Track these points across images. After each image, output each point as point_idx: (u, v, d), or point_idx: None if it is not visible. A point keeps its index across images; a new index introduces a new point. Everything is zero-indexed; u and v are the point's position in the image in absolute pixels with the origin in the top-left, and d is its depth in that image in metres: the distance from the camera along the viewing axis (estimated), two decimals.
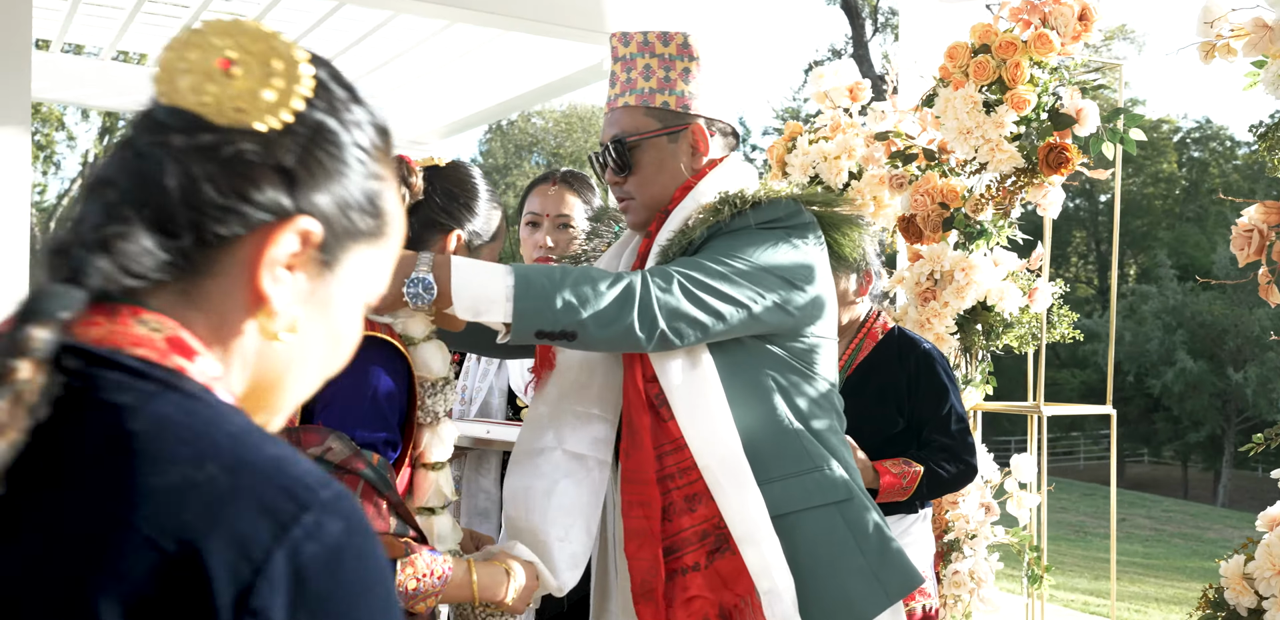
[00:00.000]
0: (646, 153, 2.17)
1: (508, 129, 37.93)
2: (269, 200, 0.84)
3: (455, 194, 2.05)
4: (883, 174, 4.10)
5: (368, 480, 1.80)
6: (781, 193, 2.13)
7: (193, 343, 0.84)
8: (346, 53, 7.37)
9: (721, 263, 1.99)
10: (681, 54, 2.17)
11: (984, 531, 3.81)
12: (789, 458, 2.07)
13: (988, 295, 3.84)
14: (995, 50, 3.65)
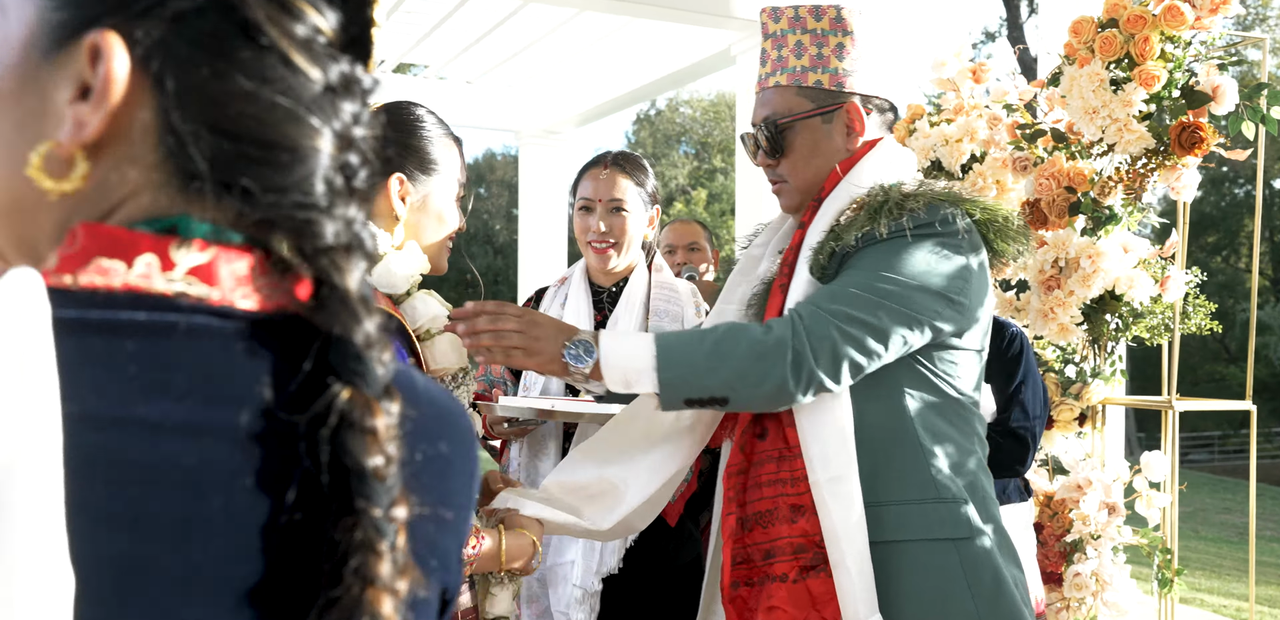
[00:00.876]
0: (800, 134, 2.08)
1: (655, 118, 37.97)
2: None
3: (384, 136, 1.96)
4: (1005, 157, 3.93)
5: None
6: (940, 195, 1.98)
7: None
8: (477, 44, 7.44)
9: (875, 289, 1.86)
10: (835, 28, 2.06)
11: (1109, 532, 3.63)
12: (912, 484, 1.94)
13: (1116, 284, 3.65)
14: (1123, 25, 3.45)
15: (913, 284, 1.88)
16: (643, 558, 2.73)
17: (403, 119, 1.99)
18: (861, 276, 1.89)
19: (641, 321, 2.87)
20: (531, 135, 8.97)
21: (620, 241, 2.87)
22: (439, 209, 2.00)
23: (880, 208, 1.95)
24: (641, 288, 2.93)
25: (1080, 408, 3.80)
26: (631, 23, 6.94)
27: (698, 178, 35.44)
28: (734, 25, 6.03)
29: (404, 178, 1.94)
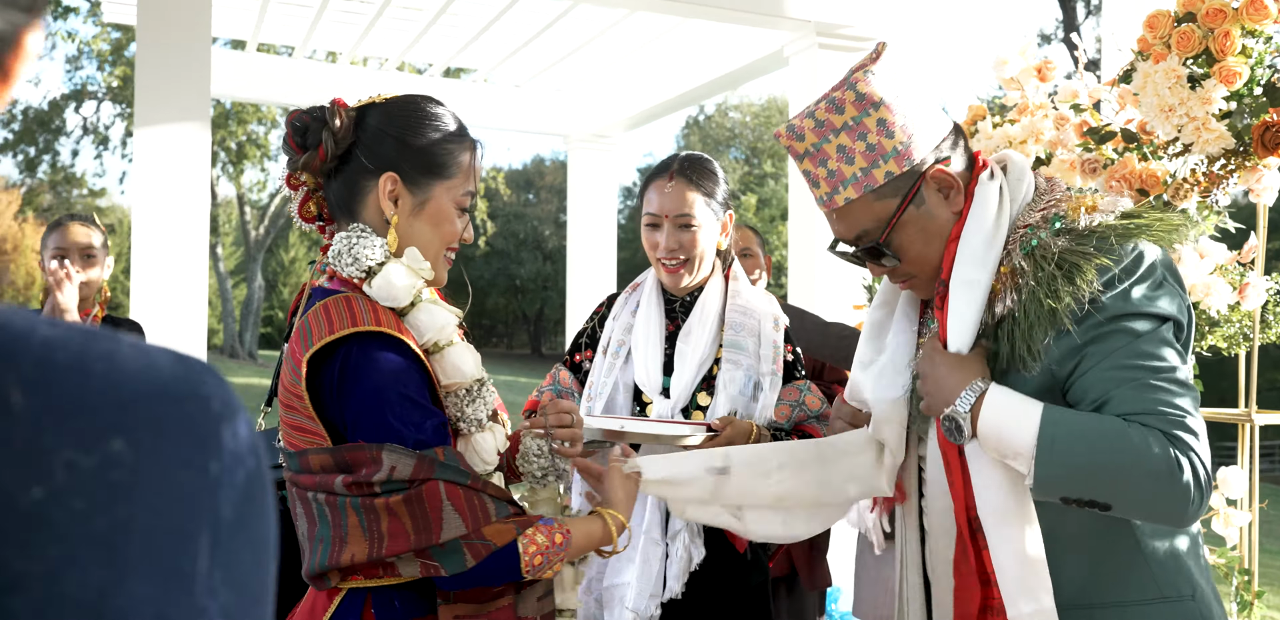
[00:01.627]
0: (903, 232, 1.87)
1: (705, 123, 37.89)
2: None
3: (386, 131, 1.83)
4: (1074, 158, 3.76)
5: (449, 481, 1.67)
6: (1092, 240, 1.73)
7: None
8: (525, 48, 7.36)
9: (1153, 360, 1.65)
10: (863, 110, 1.82)
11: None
12: (1133, 583, 1.76)
13: (1192, 291, 3.47)
14: (1202, 18, 3.28)
15: (1168, 337, 1.69)
16: (707, 583, 2.62)
17: (410, 114, 1.86)
18: (1126, 362, 1.66)
19: (715, 334, 2.74)
20: (580, 140, 8.87)
21: (690, 258, 2.72)
22: (438, 215, 1.87)
23: (1053, 293, 1.71)
24: (717, 299, 2.79)
25: None
26: (682, 24, 6.83)
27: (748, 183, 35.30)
28: (787, 25, 5.90)
29: (396, 177, 1.81)
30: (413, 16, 6.97)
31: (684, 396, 2.67)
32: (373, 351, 1.71)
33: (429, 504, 1.65)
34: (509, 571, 1.70)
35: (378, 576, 1.73)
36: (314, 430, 1.73)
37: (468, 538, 1.66)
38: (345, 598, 1.75)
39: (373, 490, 1.67)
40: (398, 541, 1.65)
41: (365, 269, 1.77)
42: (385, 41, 7.55)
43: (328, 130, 1.80)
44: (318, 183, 1.88)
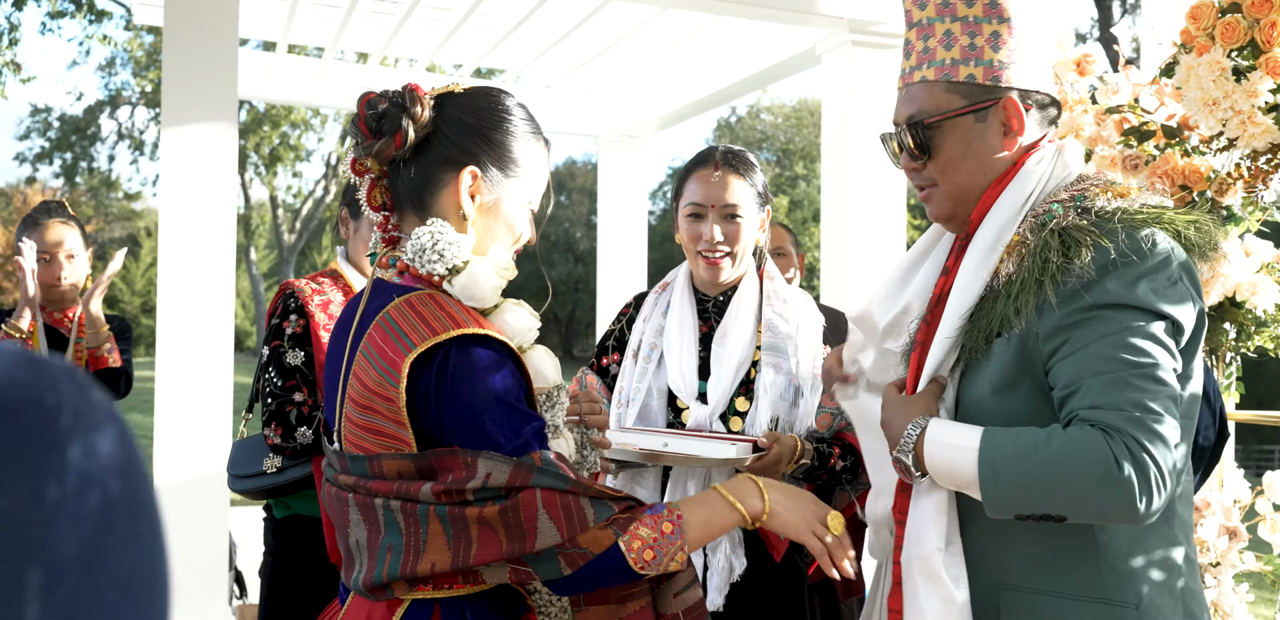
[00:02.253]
0: (949, 135, 1.85)
1: (736, 125, 37.79)
2: None
3: (467, 123, 1.75)
4: (1115, 155, 3.67)
5: (546, 488, 1.59)
6: (1112, 223, 1.71)
7: None
8: (555, 47, 7.31)
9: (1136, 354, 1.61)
10: (989, 15, 1.83)
11: (1230, 559, 3.35)
12: (1077, 576, 1.72)
13: (1237, 290, 3.38)
14: (1247, 9, 3.18)
15: (1159, 333, 1.65)
16: (747, 593, 2.55)
17: (489, 107, 1.79)
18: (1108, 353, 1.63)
19: (753, 334, 2.63)
20: (611, 140, 8.82)
21: (735, 250, 2.63)
22: (511, 216, 1.81)
23: (1041, 275, 1.70)
24: (753, 298, 2.69)
25: None
26: (713, 22, 6.76)
27: (780, 185, 35.17)
28: (820, 22, 5.82)
29: (478, 172, 1.74)
30: (442, 16, 6.94)
31: (722, 402, 2.58)
32: (475, 354, 1.63)
33: (524, 513, 1.57)
34: (619, 573, 1.61)
35: (447, 587, 1.66)
36: (397, 435, 1.65)
37: (562, 547, 1.58)
38: (409, 609, 1.67)
39: (464, 498, 1.59)
40: (487, 550, 1.58)
41: (450, 266, 1.70)
42: (415, 42, 7.52)
43: (408, 116, 1.72)
44: (383, 170, 1.79)
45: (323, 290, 3.06)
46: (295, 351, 2.96)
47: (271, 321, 3.04)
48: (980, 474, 1.65)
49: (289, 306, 3.02)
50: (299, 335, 2.97)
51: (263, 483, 3.02)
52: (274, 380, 2.95)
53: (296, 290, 3.05)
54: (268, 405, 2.95)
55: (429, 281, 1.73)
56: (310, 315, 2.98)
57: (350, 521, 1.70)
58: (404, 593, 1.66)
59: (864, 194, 5.71)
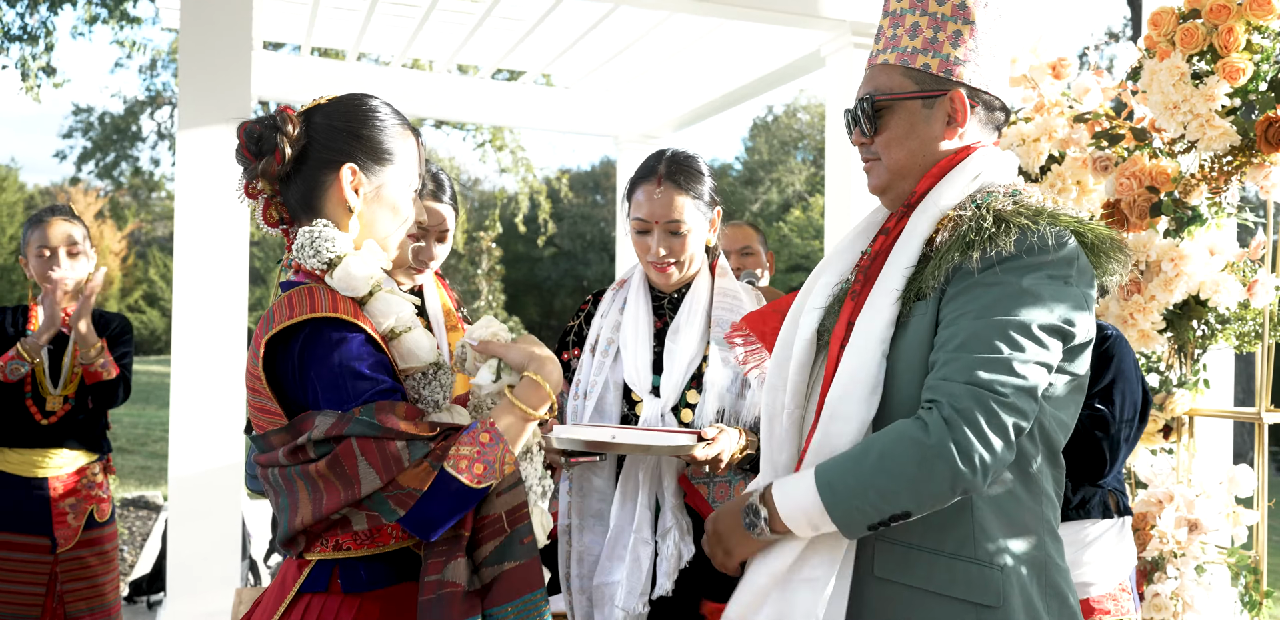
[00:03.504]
0: (896, 114, 2.01)
1: (772, 125, 37.76)
2: None
3: (336, 127, 1.93)
4: (1085, 157, 3.75)
5: (358, 436, 1.72)
6: (1039, 213, 1.88)
7: None
8: (572, 49, 7.44)
9: (1007, 341, 1.76)
10: (956, 15, 1.99)
11: (1192, 550, 3.44)
12: (951, 536, 1.85)
13: (1201, 288, 3.46)
14: (1206, 15, 3.27)
15: (1037, 325, 1.78)
16: (696, 579, 2.65)
17: (354, 109, 1.96)
18: (983, 328, 1.78)
19: (703, 330, 2.75)
20: (629, 140, 8.94)
21: (681, 260, 2.75)
22: (393, 200, 1.98)
23: (974, 234, 1.85)
24: (704, 294, 2.81)
25: (1164, 419, 3.62)
26: (723, 26, 6.87)
27: (815, 184, 35.12)
28: (823, 25, 5.92)
29: (356, 168, 1.92)
30: (461, 20, 7.08)
31: (674, 395, 2.69)
32: (327, 333, 1.80)
33: (345, 462, 1.72)
34: (462, 496, 1.74)
35: (344, 546, 1.84)
36: (275, 411, 1.83)
37: (386, 489, 1.71)
38: (314, 568, 1.86)
39: (308, 455, 1.75)
40: (332, 499, 1.73)
41: (326, 261, 1.87)
42: (434, 45, 7.67)
43: (281, 134, 1.89)
44: (274, 189, 1.97)
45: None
46: None
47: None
48: (821, 497, 1.78)
49: None
50: None
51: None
52: None
53: None
54: None
55: (315, 276, 1.91)
56: None
57: (268, 494, 1.90)
58: (308, 550, 1.84)
59: (868, 194, 5.78)
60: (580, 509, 2.71)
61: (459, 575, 1.78)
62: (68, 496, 3.87)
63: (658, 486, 2.66)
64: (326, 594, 1.85)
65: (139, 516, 9.08)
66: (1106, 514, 3.02)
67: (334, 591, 1.85)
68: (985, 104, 2.03)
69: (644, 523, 2.64)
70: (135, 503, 9.48)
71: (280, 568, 1.97)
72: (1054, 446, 1.92)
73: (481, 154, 21.10)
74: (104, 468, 4.03)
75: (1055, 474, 1.95)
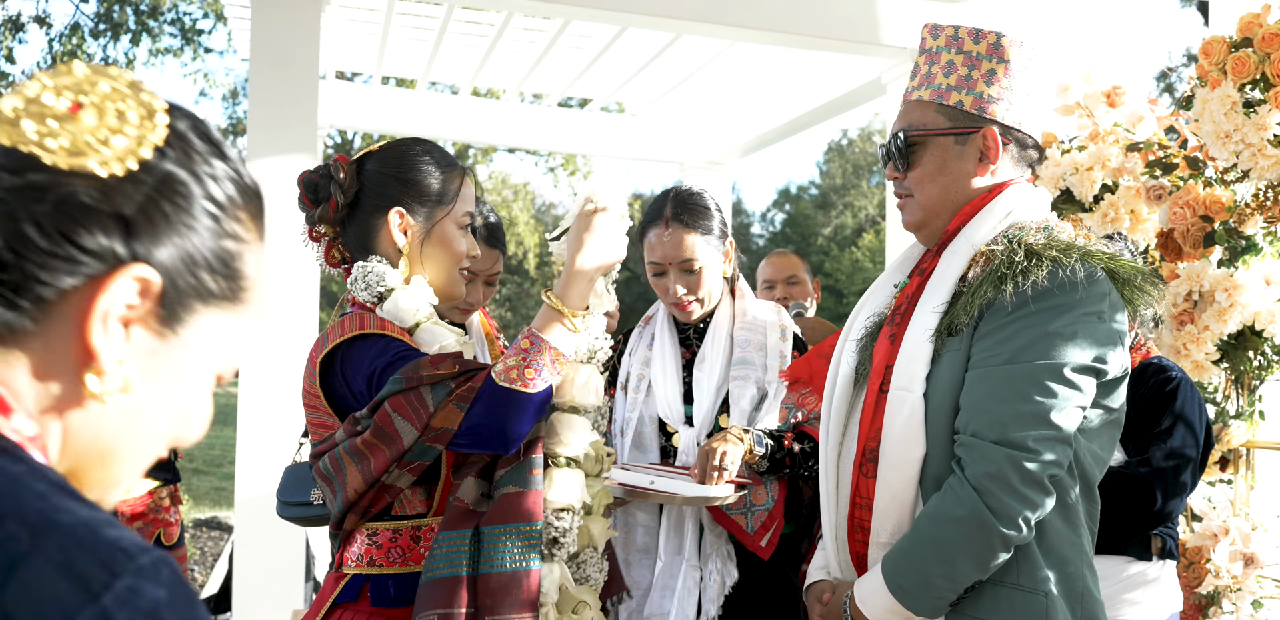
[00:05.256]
0: (929, 151, 2.04)
1: (847, 149, 37.63)
2: (100, 246, 0.79)
3: (385, 173, 2.06)
4: (1139, 186, 3.73)
5: (389, 396, 1.84)
6: (1073, 252, 1.90)
7: (8, 399, 0.79)
8: (637, 77, 7.52)
9: (1039, 388, 1.80)
10: (990, 54, 2.02)
11: (1248, 585, 3.38)
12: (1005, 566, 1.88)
13: (1256, 318, 3.42)
14: (1258, 43, 3.25)
15: (1070, 371, 1.81)
16: (742, 603, 2.68)
17: (403, 155, 2.09)
18: (1015, 374, 1.81)
19: (727, 355, 2.79)
20: (695, 167, 8.99)
21: (700, 296, 2.81)
22: (444, 238, 2.09)
23: (1005, 268, 1.88)
24: (726, 321, 2.86)
25: (1221, 451, 3.57)
26: (786, 53, 6.90)
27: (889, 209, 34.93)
28: (884, 53, 5.94)
29: (403, 211, 2.04)
30: (528, 50, 7.19)
31: (707, 423, 2.73)
32: (369, 341, 1.94)
33: (383, 423, 1.84)
34: (506, 404, 1.82)
35: (376, 563, 1.95)
36: (333, 425, 1.96)
37: (424, 435, 1.83)
38: (349, 581, 1.99)
39: (356, 429, 1.87)
40: (379, 460, 1.85)
41: (376, 294, 2.01)
42: (502, 74, 7.79)
43: (334, 183, 2.06)
44: (336, 232, 2.12)
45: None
46: None
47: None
48: (900, 601, 1.85)
49: None
50: None
51: (309, 513, 2.95)
52: None
53: None
54: None
55: (365, 308, 2.04)
56: None
57: (320, 487, 2.02)
58: (353, 524, 1.97)
59: None
60: (626, 545, 2.76)
61: (467, 492, 1.92)
62: (135, 520, 3.98)
63: (700, 513, 2.70)
64: (356, 606, 1.96)
65: (211, 537, 9.25)
66: (1144, 556, 2.96)
67: (363, 604, 1.96)
68: (1018, 142, 2.05)
69: (692, 550, 2.68)
70: (208, 523, 9.65)
71: (324, 581, 2.09)
72: (1090, 479, 1.94)
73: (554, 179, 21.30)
74: (171, 494, 4.13)
75: (1090, 507, 1.97)
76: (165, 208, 0.83)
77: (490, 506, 1.90)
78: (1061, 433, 1.79)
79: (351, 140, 28.22)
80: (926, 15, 5.84)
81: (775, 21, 5.66)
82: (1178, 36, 46.71)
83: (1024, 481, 1.76)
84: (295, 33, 5.09)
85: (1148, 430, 2.87)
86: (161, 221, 0.83)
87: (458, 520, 1.89)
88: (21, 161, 0.79)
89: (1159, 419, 2.87)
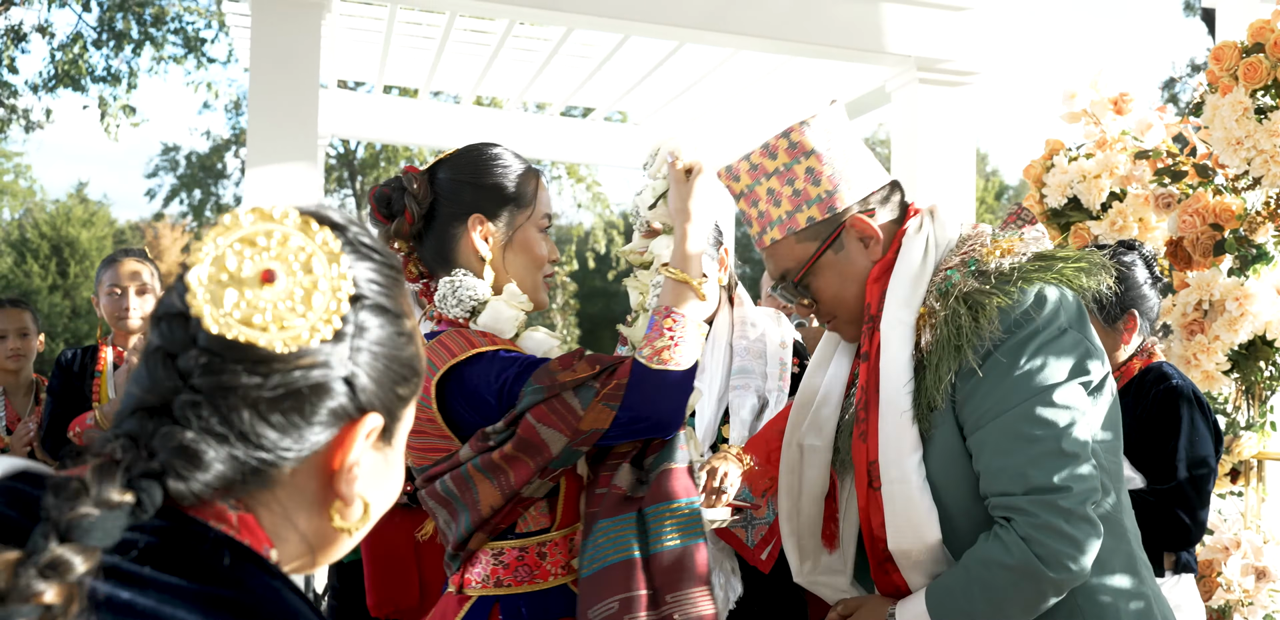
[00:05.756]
0: (821, 276, 1.96)
1: None
2: (335, 411, 0.86)
3: (460, 180, 2.00)
4: (1147, 193, 3.68)
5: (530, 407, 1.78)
6: (1009, 280, 1.81)
7: (258, 529, 0.87)
8: (640, 86, 7.49)
9: (1034, 423, 1.74)
10: (795, 156, 1.92)
11: (1260, 599, 3.33)
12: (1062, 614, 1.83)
13: (1267, 328, 3.37)
14: (1270, 48, 3.20)
15: (1055, 389, 1.75)
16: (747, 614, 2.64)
17: (475, 159, 2.02)
18: (1010, 422, 1.75)
19: (726, 365, 2.76)
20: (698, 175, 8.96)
21: None
22: (527, 242, 2.03)
23: (956, 336, 1.79)
24: (724, 330, 2.84)
25: (1232, 462, 3.51)
26: (789, 62, 6.88)
27: None
28: (888, 61, 5.90)
29: (483, 217, 1.97)
30: (528, 59, 7.17)
31: (710, 434, 2.71)
32: (489, 356, 1.86)
33: (527, 435, 1.77)
34: (660, 387, 1.77)
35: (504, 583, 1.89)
36: (445, 447, 1.89)
37: (572, 441, 1.77)
38: (475, 604, 1.91)
39: (487, 445, 1.81)
40: (521, 473, 1.80)
41: (469, 309, 1.95)
42: (505, 81, 7.77)
43: (409, 195, 1.98)
44: (410, 246, 2.04)
45: None
46: None
47: None
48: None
49: None
50: None
51: None
52: None
53: None
54: None
55: (455, 324, 1.97)
56: None
57: (432, 510, 1.95)
58: (479, 544, 1.90)
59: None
60: None
61: (623, 480, 1.87)
62: None
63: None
64: None
65: None
66: (1158, 573, 2.90)
67: None
68: (880, 201, 1.96)
69: None
70: None
71: (439, 602, 2.01)
72: (1113, 474, 1.87)
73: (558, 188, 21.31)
74: None
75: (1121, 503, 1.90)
76: (372, 353, 0.89)
77: (652, 486, 1.86)
78: (1079, 456, 1.73)
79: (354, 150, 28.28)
80: (931, 23, 5.80)
81: (778, 29, 5.62)
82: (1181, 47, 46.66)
83: (1069, 521, 1.70)
84: (296, 41, 5.06)
85: (1156, 445, 2.80)
86: (372, 368, 0.89)
87: (616, 506, 1.85)
88: (247, 355, 0.83)
89: (1166, 433, 2.80)
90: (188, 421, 0.81)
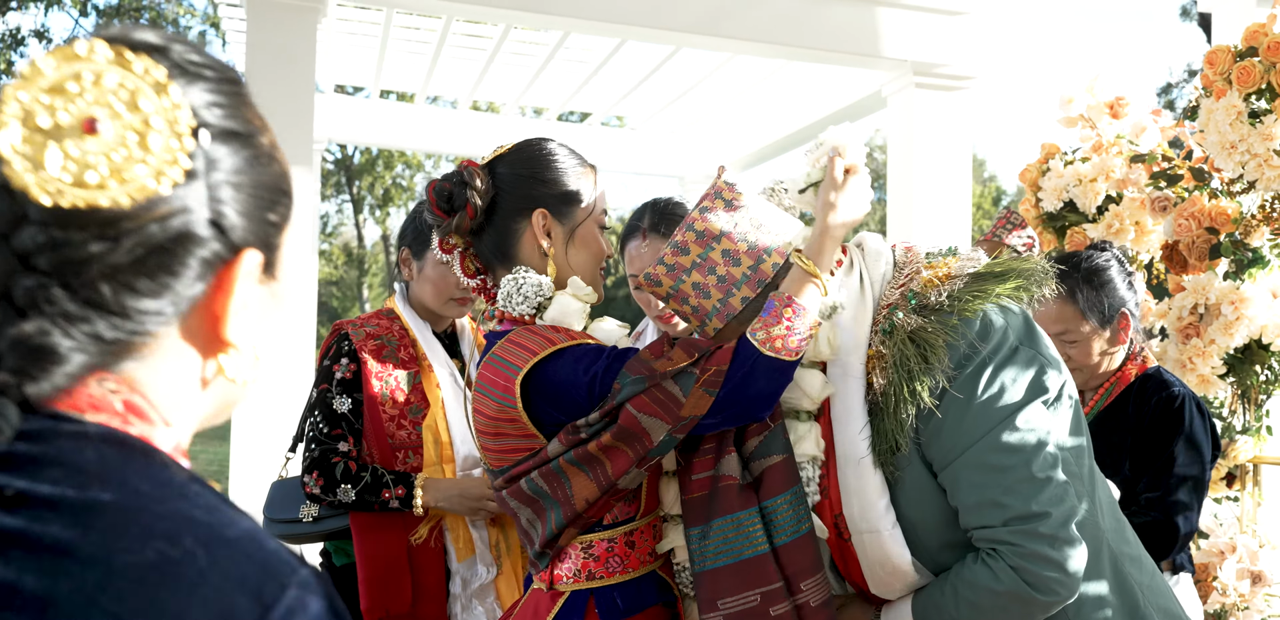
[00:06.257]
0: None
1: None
2: (208, 259, 0.77)
3: (521, 174, 1.99)
4: (1143, 197, 3.68)
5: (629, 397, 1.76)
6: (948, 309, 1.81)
7: (148, 412, 0.78)
8: (636, 91, 7.50)
9: (1001, 451, 1.73)
10: (706, 245, 1.86)
11: (1256, 603, 3.32)
12: None
13: (1263, 332, 3.36)
14: (1264, 52, 3.20)
15: (1015, 413, 1.75)
16: None
17: (535, 154, 2.01)
18: (976, 456, 1.74)
19: None
20: (695, 180, 8.96)
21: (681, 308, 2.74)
22: (587, 237, 2.02)
23: (907, 380, 1.78)
24: None
25: (1227, 467, 3.51)
26: (786, 66, 6.88)
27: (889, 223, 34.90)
28: (885, 65, 5.91)
29: (546, 212, 1.97)
30: (526, 63, 7.17)
31: None
32: (572, 352, 1.85)
33: (628, 425, 1.76)
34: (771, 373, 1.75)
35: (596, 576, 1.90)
36: (526, 447, 1.88)
37: (674, 428, 1.76)
38: (569, 599, 1.91)
39: (579, 438, 1.79)
40: (619, 464, 1.79)
41: (535, 305, 1.94)
42: (502, 86, 7.77)
43: (471, 189, 1.96)
44: (467, 242, 2.03)
45: (377, 333, 2.93)
46: (343, 397, 2.83)
47: (322, 362, 2.92)
48: None
49: (341, 349, 2.88)
50: (348, 381, 2.85)
51: (296, 530, 2.94)
52: (319, 426, 2.82)
53: (350, 332, 2.92)
54: (310, 451, 2.82)
55: (520, 322, 1.96)
56: (363, 362, 2.86)
57: (515, 510, 1.93)
58: (569, 539, 1.89)
59: (929, 232, 5.75)
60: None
61: (732, 468, 1.84)
62: None
63: None
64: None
65: None
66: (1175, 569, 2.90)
67: (591, 619, 1.89)
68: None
69: None
70: None
71: (526, 600, 2.00)
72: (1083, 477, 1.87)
73: None
74: None
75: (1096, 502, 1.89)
76: (235, 187, 0.79)
77: (763, 479, 1.84)
78: (1051, 478, 1.73)
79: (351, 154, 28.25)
80: (927, 27, 5.81)
81: (775, 34, 5.63)
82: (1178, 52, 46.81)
83: (1054, 546, 1.70)
84: (291, 46, 5.05)
85: (1156, 453, 2.78)
86: (238, 202, 0.79)
87: (735, 499, 1.83)
88: (89, 219, 0.72)
89: (1168, 442, 2.78)
90: (36, 309, 0.72)
